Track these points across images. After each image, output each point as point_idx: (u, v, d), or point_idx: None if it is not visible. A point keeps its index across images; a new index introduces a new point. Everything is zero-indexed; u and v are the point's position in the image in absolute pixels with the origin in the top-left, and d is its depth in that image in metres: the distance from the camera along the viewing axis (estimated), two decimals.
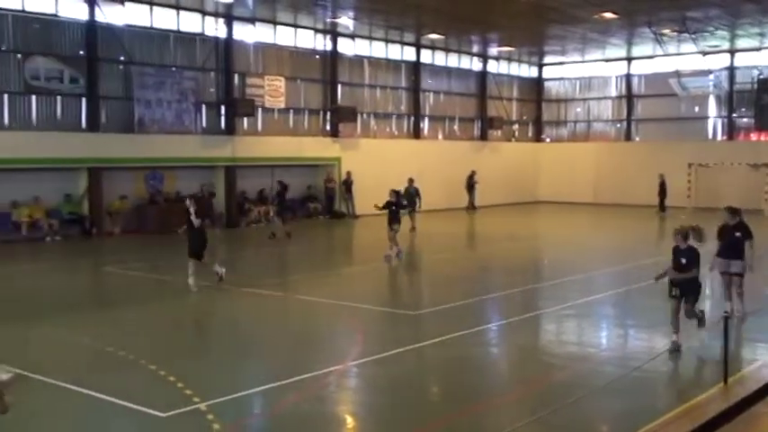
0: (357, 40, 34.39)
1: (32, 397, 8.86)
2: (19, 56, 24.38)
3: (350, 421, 8.68)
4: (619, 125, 42.62)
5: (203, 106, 29.15)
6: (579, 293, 15.63)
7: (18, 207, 24.34)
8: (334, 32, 33.12)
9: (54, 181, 25.36)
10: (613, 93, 42.67)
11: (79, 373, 9.86)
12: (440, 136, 39.35)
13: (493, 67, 41.93)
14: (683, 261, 10.77)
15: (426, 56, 37.92)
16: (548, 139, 45.33)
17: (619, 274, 18.71)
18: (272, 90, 31.20)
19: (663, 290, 11.19)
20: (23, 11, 24.37)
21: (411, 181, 28.73)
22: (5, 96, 24.23)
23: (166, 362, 10.26)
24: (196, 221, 15.92)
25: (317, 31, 32.74)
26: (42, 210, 24.81)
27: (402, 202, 21.27)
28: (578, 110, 44.16)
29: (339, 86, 33.77)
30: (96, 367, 10.19)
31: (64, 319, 13.39)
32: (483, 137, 41.41)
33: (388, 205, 20.62)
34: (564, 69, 44.17)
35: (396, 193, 21.29)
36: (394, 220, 20.45)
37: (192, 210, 16.11)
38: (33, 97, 24.84)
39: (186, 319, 13.77)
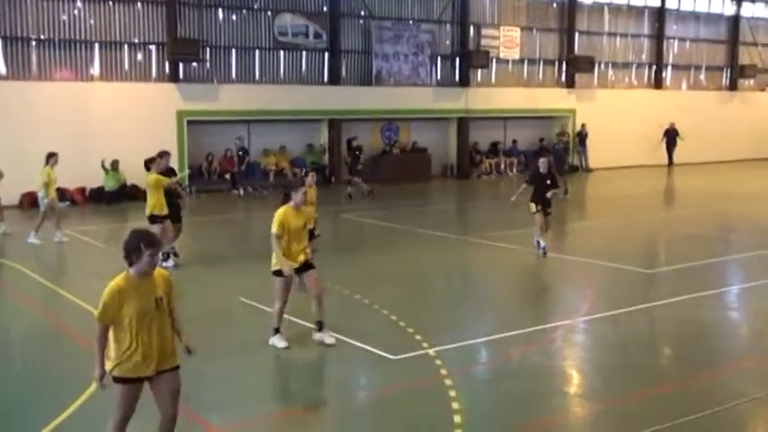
0: None
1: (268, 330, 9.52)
2: (269, 13, 25.95)
3: (576, 376, 8.60)
4: None
5: (438, 58, 29.48)
6: None
7: (266, 156, 26.13)
8: None
9: (298, 132, 26.94)
10: None
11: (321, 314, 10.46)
12: (683, 86, 37.09)
13: (748, 10, 38.62)
14: None
15: (672, 0, 35.68)
16: None
17: None
18: (507, 41, 30.87)
19: None
20: None
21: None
22: (257, 52, 25.94)
23: (398, 307, 10.67)
24: None
25: None
26: (287, 159, 26.45)
27: (554, 174, 15.06)
28: None
29: (576, 35, 32.70)
30: (336, 309, 10.77)
31: None
32: (732, 87, 38.49)
33: (540, 178, 14.65)
34: None
35: (546, 157, 15.56)
36: (544, 198, 14.46)
37: None
38: (281, 52, 26.38)
39: (418, 266, 14.17)
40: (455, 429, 6.84)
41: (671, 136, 33.92)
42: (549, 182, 14.46)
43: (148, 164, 13.26)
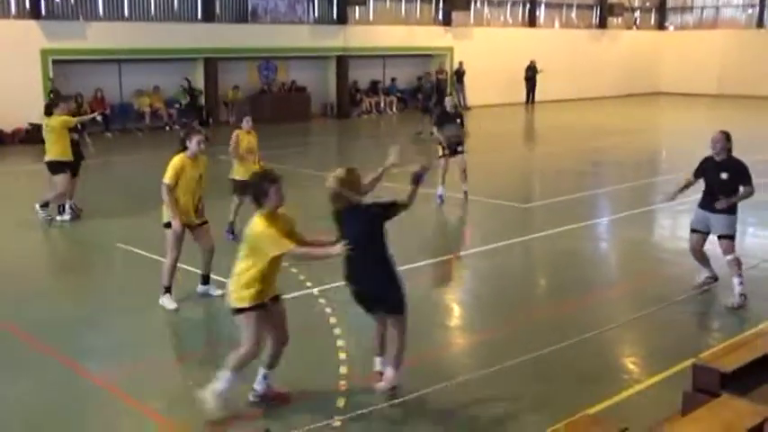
0: None
1: (153, 279, 9.34)
2: None
3: (456, 309, 8.86)
4: (750, 11, 39.93)
5: None
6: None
7: (140, 96, 25.21)
8: None
9: (172, 71, 26.01)
10: None
11: (197, 257, 10.25)
12: (556, 24, 37.96)
13: None
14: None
15: None
16: (671, 27, 43.04)
17: None
18: None
19: None
20: None
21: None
22: None
23: None
24: None
25: None
26: (162, 99, 25.61)
27: (461, 112, 14.81)
28: None
29: None
30: (217, 253, 10.62)
31: None
32: (602, 25, 39.68)
33: (449, 117, 14.04)
34: None
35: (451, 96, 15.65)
36: (453, 138, 13.87)
37: None
38: None
39: (299, 207, 14.06)
40: (340, 366, 6.96)
41: (531, 73, 34.08)
42: (458, 120, 13.85)
43: (50, 108, 12.57)
